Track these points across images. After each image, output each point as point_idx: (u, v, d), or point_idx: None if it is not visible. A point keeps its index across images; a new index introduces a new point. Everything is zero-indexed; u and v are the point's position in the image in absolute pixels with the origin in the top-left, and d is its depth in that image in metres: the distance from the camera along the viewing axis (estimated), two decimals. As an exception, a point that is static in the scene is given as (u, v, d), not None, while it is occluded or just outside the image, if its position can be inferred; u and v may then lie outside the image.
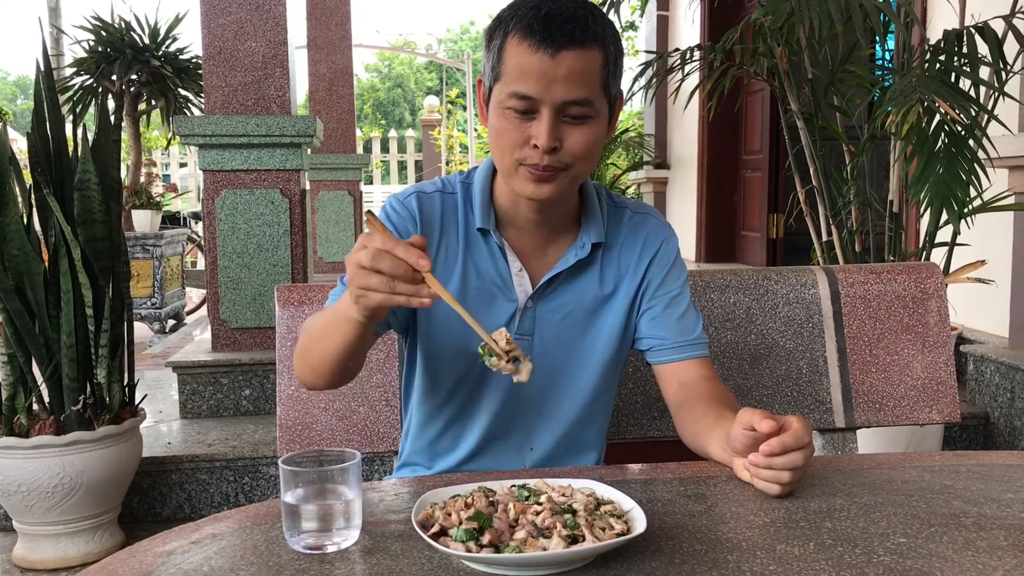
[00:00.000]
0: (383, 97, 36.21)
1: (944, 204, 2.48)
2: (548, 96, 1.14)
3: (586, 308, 1.31)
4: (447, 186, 1.32)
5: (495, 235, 1.27)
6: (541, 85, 1.13)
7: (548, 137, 1.14)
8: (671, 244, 1.36)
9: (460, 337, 1.27)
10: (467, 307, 1.27)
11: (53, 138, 2.56)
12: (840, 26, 2.59)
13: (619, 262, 1.33)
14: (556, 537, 0.85)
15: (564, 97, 1.14)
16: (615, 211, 1.35)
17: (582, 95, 1.15)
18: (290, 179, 3.42)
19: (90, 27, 5.60)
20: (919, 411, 1.65)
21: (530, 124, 1.16)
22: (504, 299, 1.29)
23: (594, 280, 1.31)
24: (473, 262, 1.29)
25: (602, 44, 1.17)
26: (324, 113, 6.52)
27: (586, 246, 1.29)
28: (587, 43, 1.15)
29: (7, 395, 2.47)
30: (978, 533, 0.92)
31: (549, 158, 1.16)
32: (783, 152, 5.46)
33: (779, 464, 1.01)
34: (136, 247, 5.59)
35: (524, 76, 1.14)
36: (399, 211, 1.28)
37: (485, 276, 1.29)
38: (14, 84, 39.71)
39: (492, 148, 1.23)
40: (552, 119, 1.15)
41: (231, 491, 2.97)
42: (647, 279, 1.33)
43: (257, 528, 0.95)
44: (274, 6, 3.41)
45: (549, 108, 1.14)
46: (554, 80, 1.13)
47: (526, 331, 1.29)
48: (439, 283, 1.00)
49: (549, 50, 1.12)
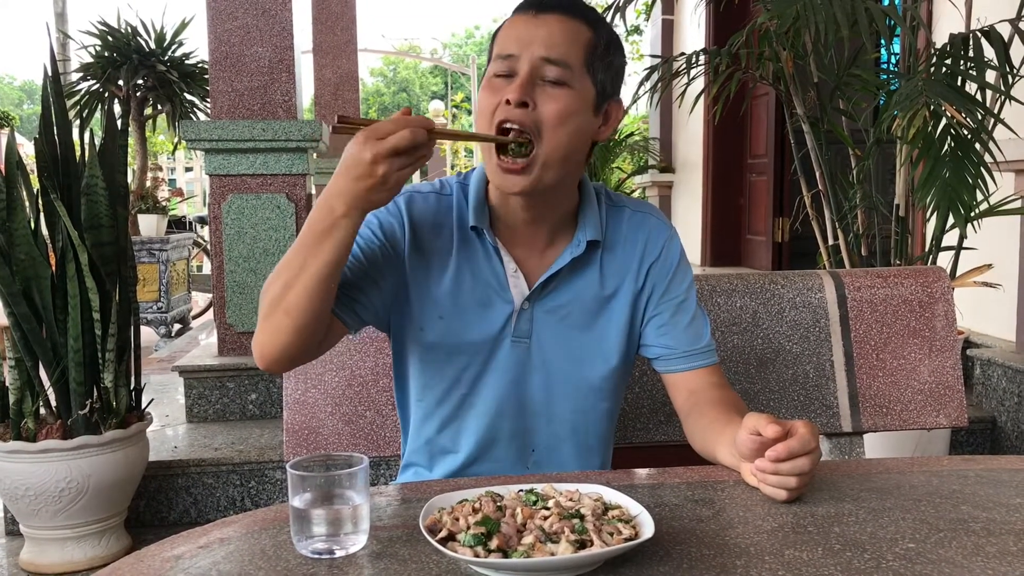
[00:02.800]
0: (388, 101, 36.28)
1: (951, 208, 2.47)
2: (527, 52, 1.16)
3: (586, 309, 1.29)
4: (444, 187, 1.31)
5: (488, 234, 1.25)
6: (522, 42, 1.16)
7: (519, 89, 1.14)
8: (673, 246, 1.33)
9: (453, 336, 1.26)
10: (461, 309, 1.27)
11: (60, 143, 2.57)
12: (846, 30, 2.58)
13: (619, 262, 1.30)
14: (564, 542, 0.85)
15: (542, 52, 1.15)
16: (614, 210, 1.32)
17: (559, 56, 1.16)
18: (296, 183, 3.42)
19: (96, 32, 5.62)
20: (926, 415, 1.65)
21: (508, 87, 1.16)
22: (500, 300, 1.26)
23: (594, 281, 1.29)
24: (467, 263, 1.26)
25: (592, 25, 1.19)
26: (329, 118, 6.50)
27: (581, 244, 1.26)
28: (574, 15, 1.18)
29: (14, 399, 2.47)
30: (987, 538, 0.92)
31: (519, 112, 1.14)
32: (788, 156, 5.44)
33: (785, 470, 1.00)
34: (142, 251, 5.61)
35: (507, 38, 1.18)
36: (390, 210, 1.27)
37: (479, 277, 1.26)
38: (20, 89, 39.85)
39: (476, 128, 1.23)
40: (528, 74, 1.15)
41: (237, 495, 2.97)
42: (650, 283, 1.30)
43: (265, 533, 0.95)
44: (280, 11, 3.42)
45: (527, 62, 1.15)
46: (535, 38, 1.16)
47: (523, 334, 1.27)
48: (445, 130, 1.06)
49: (533, 10, 1.17)
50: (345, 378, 1.53)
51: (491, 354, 1.28)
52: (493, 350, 1.28)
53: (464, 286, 1.26)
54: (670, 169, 7.64)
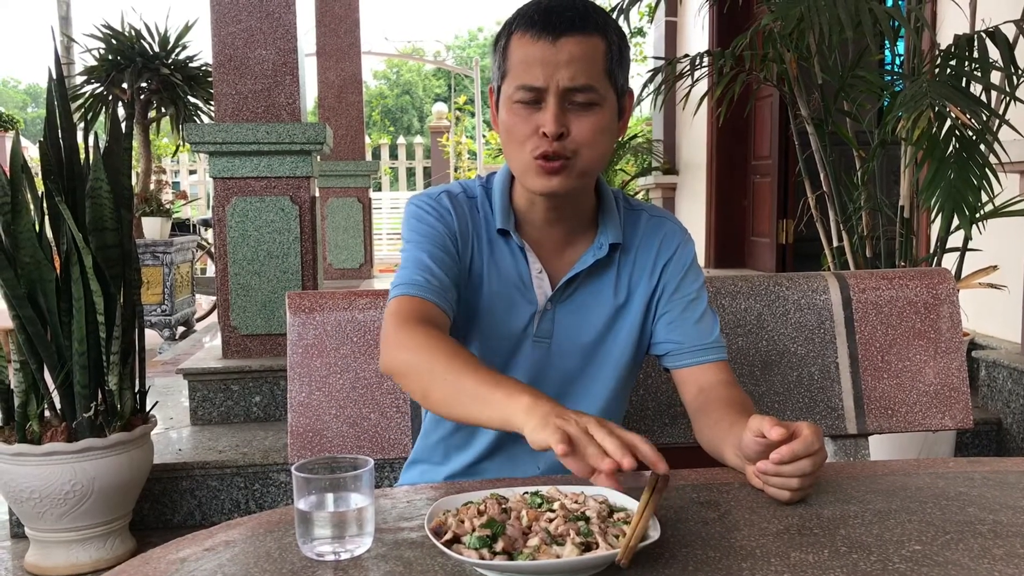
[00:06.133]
0: (391, 104, 36.30)
1: (955, 209, 2.46)
2: (552, 82, 1.16)
3: (603, 311, 1.31)
4: (468, 190, 1.34)
5: (515, 236, 1.28)
6: (546, 72, 1.16)
7: (555, 122, 1.16)
8: (687, 248, 1.36)
9: (479, 335, 1.29)
10: (488, 309, 1.28)
11: (65, 146, 2.57)
12: (850, 31, 2.58)
13: (635, 265, 1.33)
14: (569, 544, 0.85)
15: (568, 83, 1.16)
16: (632, 214, 1.35)
17: (585, 80, 1.16)
18: (300, 186, 3.43)
19: (100, 35, 5.63)
20: (931, 417, 1.65)
21: (538, 114, 1.17)
22: (524, 301, 1.29)
23: (611, 283, 1.32)
24: (495, 265, 1.29)
25: (603, 33, 1.19)
26: (333, 120, 6.54)
27: (604, 247, 1.29)
28: (588, 30, 1.17)
29: (19, 402, 2.48)
30: (994, 540, 0.91)
31: (557, 145, 1.17)
32: (792, 157, 5.45)
33: (788, 471, 1.01)
34: (146, 254, 5.62)
35: (528, 66, 1.17)
36: (435, 207, 1.28)
37: (506, 278, 1.29)
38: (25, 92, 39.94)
39: (504, 146, 1.24)
40: (558, 105, 1.16)
41: (241, 498, 2.97)
42: (662, 283, 1.33)
43: (270, 535, 0.95)
44: (284, 14, 3.42)
45: (554, 95, 1.16)
46: (557, 66, 1.15)
47: (544, 334, 1.30)
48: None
49: (550, 36, 1.16)
50: (349, 380, 1.53)
51: (512, 353, 1.31)
52: (515, 350, 1.30)
53: (491, 287, 1.29)
54: (674, 171, 7.64)
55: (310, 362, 1.53)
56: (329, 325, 1.53)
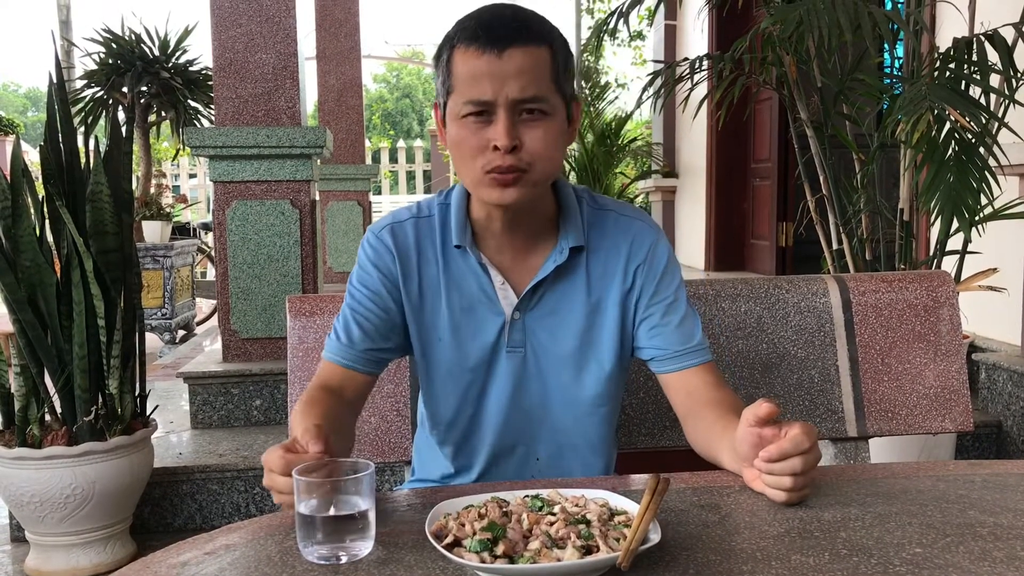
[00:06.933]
0: (391, 108, 36.34)
1: (955, 212, 2.47)
2: (501, 95, 1.15)
3: (577, 315, 1.29)
4: (423, 210, 1.33)
5: (471, 250, 1.27)
6: (494, 86, 1.14)
7: (507, 135, 1.15)
8: (660, 248, 1.32)
9: (454, 355, 1.29)
10: (456, 328, 1.30)
11: (65, 150, 2.57)
12: (849, 34, 2.58)
13: (605, 267, 1.30)
14: (570, 547, 0.85)
15: (518, 95, 1.15)
16: (598, 214, 1.32)
17: (535, 91, 1.15)
18: (300, 190, 3.43)
19: (101, 39, 5.65)
20: (931, 420, 1.65)
21: (488, 128, 1.16)
22: (491, 313, 1.28)
23: (581, 286, 1.29)
24: (455, 282, 1.28)
25: (548, 42, 1.18)
26: (333, 124, 6.54)
27: (564, 251, 1.27)
28: (532, 41, 1.16)
29: (20, 406, 2.48)
30: (995, 543, 0.91)
31: (510, 157, 1.16)
32: (792, 160, 5.45)
33: (778, 470, 1.01)
34: (147, 258, 5.62)
35: (475, 80, 1.15)
36: (375, 247, 1.30)
37: (468, 293, 1.28)
38: (25, 96, 39.97)
39: (455, 161, 1.23)
40: (509, 118, 1.15)
41: (242, 501, 2.97)
42: (637, 286, 1.30)
43: (271, 539, 0.95)
44: (284, 18, 3.43)
45: (504, 108, 1.15)
46: (505, 79, 1.14)
47: (517, 343, 1.29)
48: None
49: (495, 49, 1.14)
50: (350, 384, 1.53)
51: (490, 368, 1.30)
52: (491, 364, 1.30)
53: (456, 305, 1.28)
54: (673, 174, 7.64)
55: (310, 366, 1.53)
56: (329, 328, 1.53)
